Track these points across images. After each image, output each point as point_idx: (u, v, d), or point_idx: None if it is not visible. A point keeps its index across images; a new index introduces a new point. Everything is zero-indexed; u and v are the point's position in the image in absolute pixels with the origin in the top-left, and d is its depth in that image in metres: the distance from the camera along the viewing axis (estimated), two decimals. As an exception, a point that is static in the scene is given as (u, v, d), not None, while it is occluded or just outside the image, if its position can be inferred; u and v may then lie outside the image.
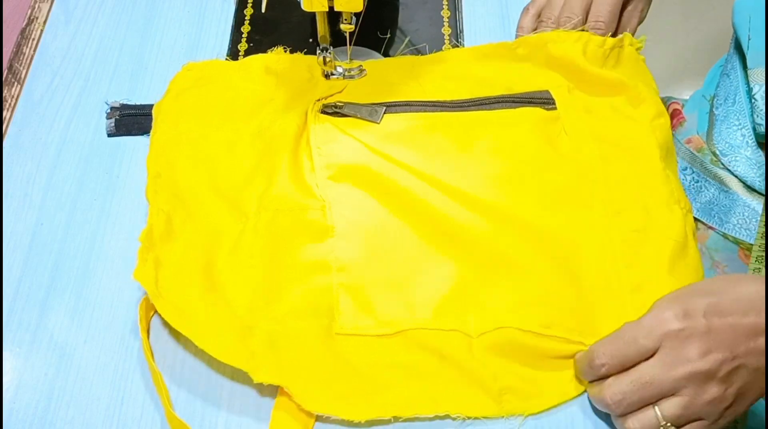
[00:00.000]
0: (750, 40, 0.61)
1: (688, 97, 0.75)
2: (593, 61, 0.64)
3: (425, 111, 0.63)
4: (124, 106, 0.66)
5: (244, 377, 0.51)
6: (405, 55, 0.69)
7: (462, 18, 0.72)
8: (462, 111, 0.63)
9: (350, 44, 0.65)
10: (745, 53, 0.62)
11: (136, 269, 0.54)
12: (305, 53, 0.67)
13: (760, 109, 0.59)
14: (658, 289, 0.54)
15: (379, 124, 0.63)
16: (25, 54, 0.70)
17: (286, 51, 0.67)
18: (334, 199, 0.59)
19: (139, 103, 0.66)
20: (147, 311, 0.55)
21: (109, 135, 0.65)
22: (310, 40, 0.70)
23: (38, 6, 0.74)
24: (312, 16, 0.65)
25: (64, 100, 0.67)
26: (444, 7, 0.73)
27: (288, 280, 0.55)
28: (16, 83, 0.68)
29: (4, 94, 0.67)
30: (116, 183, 0.62)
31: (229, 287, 0.55)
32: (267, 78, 0.66)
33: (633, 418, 0.48)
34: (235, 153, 0.61)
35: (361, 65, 0.67)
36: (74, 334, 0.55)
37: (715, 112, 0.67)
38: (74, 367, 0.54)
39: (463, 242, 0.56)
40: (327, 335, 0.53)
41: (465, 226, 0.57)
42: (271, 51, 0.67)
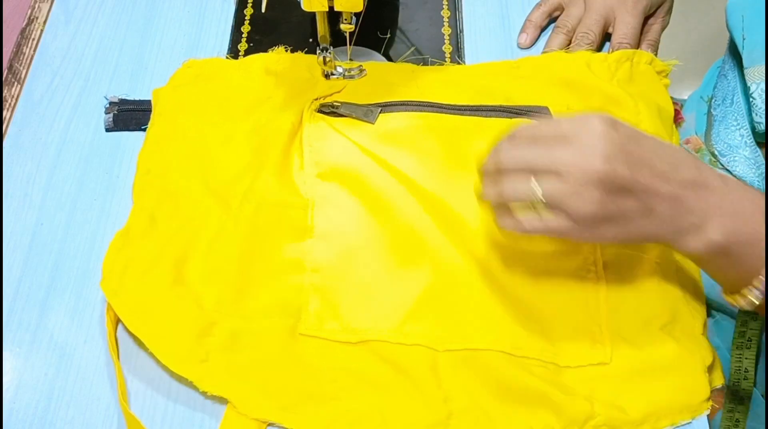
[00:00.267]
0: (745, 39, 0.61)
1: (687, 98, 0.75)
2: (599, 74, 0.63)
3: (421, 111, 0.63)
4: (122, 101, 0.66)
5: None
6: (409, 62, 0.68)
7: (462, 18, 0.72)
8: (458, 114, 0.63)
9: (350, 44, 0.65)
10: (741, 53, 0.62)
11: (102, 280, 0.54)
12: (305, 53, 0.67)
13: (758, 107, 0.59)
14: (636, 311, 0.54)
15: (373, 124, 0.63)
16: (25, 54, 0.70)
17: (286, 50, 0.67)
18: (319, 196, 0.59)
19: (137, 98, 0.66)
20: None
21: (107, 130, 0.65)
22: (310, 40, 0.70)
23: (38, 6, 0.74)
24: (312, 16, 0.65)
25: (64, 100, 0.67)
26: (444, 7, 0.73)
27: (262, 276, 0.55)
28: (16, 83, 0.68)
29: (4, 94, 0.67)
30: (116, 183, 0.62)
31: (200, 279, 0.55)
32: (266, 77, 0.66)
33: (510, 183, 0.47)
34: (229, 149, 0.61)
35: (361, 65, 0.67)
36: (74, 334, 0.55)
37: (713, 112, 0.67)
38: (74, 367, 0.54)
39: (438, 258, 0.56)
40: (290, 335, 0.53)
41: (442, 243, 0.56)
42: (272, 50, 0.67)
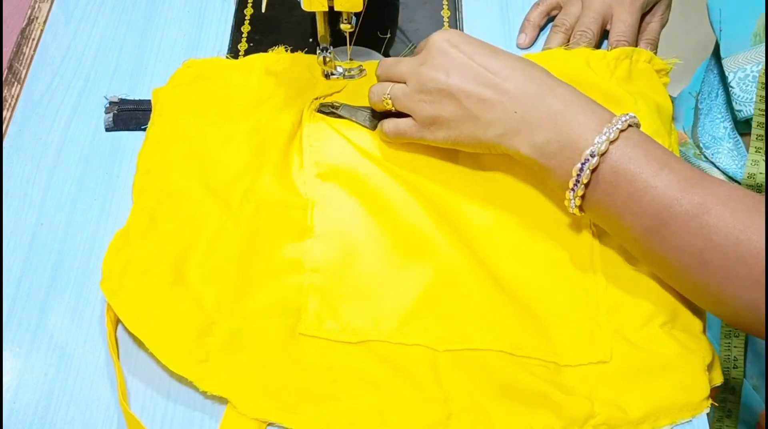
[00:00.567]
0: (721, 31, 0.62)
1: (676, 95, 0.75)
2: (599, 72, 0.63)
3: None
4: (122, 101, 0.66)
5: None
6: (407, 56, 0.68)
7: (462, 18, 0.72)
8: None
9: (350, 44, 0.65)
10: (719, 44, 0.63)
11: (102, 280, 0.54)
12: (305, 53, 0.67)
13: (737, 95, 0.60)
14: (636, 310, 0.53)
15: (373, 131, 0.63)
16: (25, 54, 0.70)
17: (286, 50, 0.67)
18: (319, 196, 0.59)
19: (137, 98, 0.66)
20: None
21: (107, 129, 0.65)
22: (310, 40, 0.70)
23: (38, 6, 0.74)
24: (312, 16, 0.65)
25: (64, 100, 0.67)
26: (444, 7, 0.73)
27: (261, 276, 0.55)
28: (16, 83, 0.68)
29: (4, 94, 0.67)
30: (116, 183, 0.62)
31: (200, 279, 0.55)
32: (266, 77, 0.66)
33: (375, 87, 0.60)
34: (229, 149, 0.61)
35: (361, 65, 0.67)
36: (74, 334, 0.55)
37: (700, 106, 0.68)
38: (74, 367, 0.54)
39: (438, 258, 0.56)
40: (289, 335, 0.53)
41: (439, 245, 0.56)
42: (272, 50, 0.67)
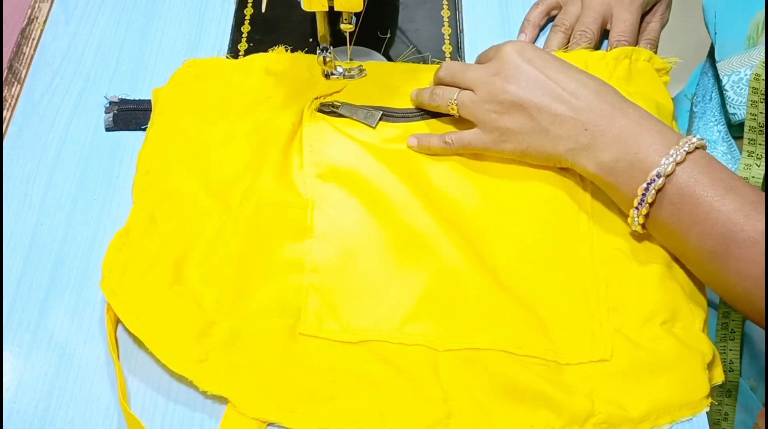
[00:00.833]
0: (716, 34, 0.62)
1: (673, 97, 0.75)
2: (598, 73, 0.63)
3: (423, 119, 0.63)
4: (122, 101, 0.66)
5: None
6: (409, 61, 0.68)
7: (462, 18, 0.72)
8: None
9: (350, 44, 0.65)
10: (714, 47, 0.63)
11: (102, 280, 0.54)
12: (305, 53, 0.67)
13: (731, 98, 0.60)
14: (636, 308, 0.54)
15: (374, 128, 0.63)
16: (25, 54, 0.70)
17: (286, 50, 0.67)
18: (319, 196, 0.59)
19: (137, 98, 0.66)
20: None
21: (107, 129, 0.65)
22: (310, 39, 0.70)
23: (38, 6, 0.74)
24: (312, 15, 0.65)
25: (64, 100, 0.67)
26: (444, 6, 0.73)
27: (261, 276, 0.55)
28: (16, 83, 0.68)
29: (4, 94, 0.67)
30: (116, 183, 0.62)
31: (199, 279, 0.55)
32: (266, 77, 0.66)
33: (439, 90, 0.61)
34: (229, 149, 0.61)
35: (361, 65, 0.67)
36: (74, 334, 0.55)
37: (695, 109, 0.68)
38: (74, 367, 0.54)
39: (436, 259, 0.56)
40: (289, 335, 0.53)
41: (440, 244, 0.56)
42: (272, 50, 0.67)
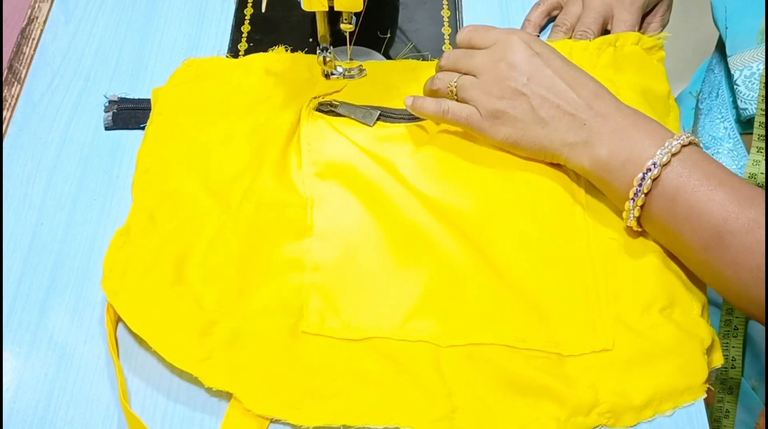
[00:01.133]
0: (727, 29, 0.62)
1: (677, 95, 0.75)
2: (582, 63, 0.63)
3: (421, 120, 0.63)
4: (122, 100, 0.66)
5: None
6: (408, 58, 0.68)
7: (462, 18, 0.72)
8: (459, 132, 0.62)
9: (350, 44, 0.65)
10: (725, 42, 0.63)
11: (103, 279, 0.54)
12: (305, 53, 0.67)
13: (743, 93, 0.60)
14: (635, 296, 0.54)
15: (372, 127, 0.63)
16: (25, 54, 0.70)
17: (286, 50, 0.67)
18: (318, 195, 0.59)
19: (137, 97, 0.66)
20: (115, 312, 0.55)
21: (107, 128, 0.65)
22: (310, 39, 0.70)
23: (38, 6, 0.74)
24: (312, 15, 0.65)
25: (64, 100, 0.67)
26: (444, 6, 0.73)
27: (261, 275, 0.55)
28: (16, 83, 0.68)
29: (4, 94, 0.67)
30: (116, 183, 0.62)
31: (200, 279, 0.55)
32: (266, 77, 0.66)
33: (441, 75, 0.61)
34: (229, 149, 0.61)
35: (361, 65, 0.67)
36: (74, 334, 0.55)
37: (700, 106, 0.68)
38: (74, 367, 0.54)
39: (437, 256, 0.56)
40: (291, 334, 0.53)
41: (439, 241, 0.56)
42: (272, 50, 0.67)
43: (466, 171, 0.60)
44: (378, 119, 0.63)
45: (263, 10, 0.64)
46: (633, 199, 0.52)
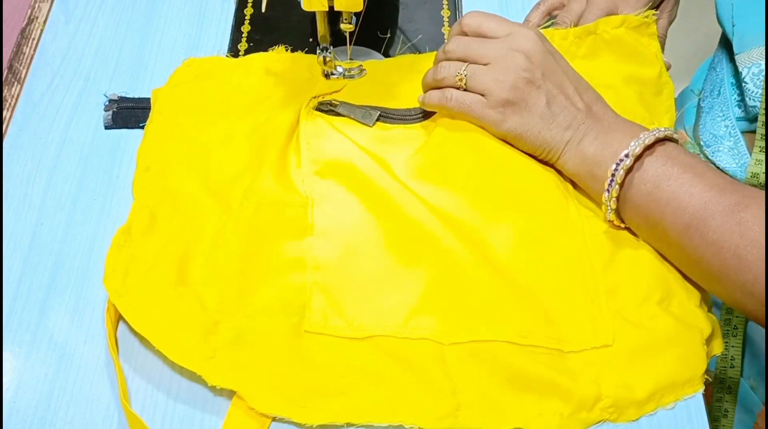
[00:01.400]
0: (734, 26, 0.62)
1: (678, 94, 0.75)
2: (562, 53, 0.62)
3: (420, 121, 0.63)
4: (122, 99, 0.66)
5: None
6: (405, 53, 0.68)
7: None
8: (456, 131, 0.62)
9: (350, 44, 0.65)
10: (731, 40, 0.62)
11: (104, 276, 0.54)
12: (305, 53, 0.67)
13: (751, 91, 0.60)
14: (633, 290, 0.54)
15: (371, 128, 0.63)
16: (25, 54, 0.70)
17: (286, 50, 0.67)
18: (318, 194, 0.59)
19: (137, 97, 0.67)
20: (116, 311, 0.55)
21: (106, 127, 0.65)
22: (310, 39, 0.70)
23: (38, 6, 0.74)
24: (312, 15, 0.65)
25: (64, 100, 0.67)
26: (444, 6, 0.73)
27: (263, 275, 0.55)
28: (16, 83, 0.68)
29: (4, 94, 0.67)
30: (116, 183, 0.62)
31: (202, 280, 0.55)
32: (266, 76, 0.66)
33: (447, 64, 0.59)
34: (228, 148, 0.61)
35: (361, 65, 0.67)
36: (74, 334, 0.55)
37: (702, 104, 0.68)
38: (74, 367, 0.54)
39: (437, 253, 0.56)
40: (295, 333, 0.53)
41: (439, 238, 0.56)
42: (272, 50, 0.67)
43: (463, 171, 0.60)
44: (377, 120, 0.63)
45: (263, 10, 0.64)
46: (608, 190, 0.53)
